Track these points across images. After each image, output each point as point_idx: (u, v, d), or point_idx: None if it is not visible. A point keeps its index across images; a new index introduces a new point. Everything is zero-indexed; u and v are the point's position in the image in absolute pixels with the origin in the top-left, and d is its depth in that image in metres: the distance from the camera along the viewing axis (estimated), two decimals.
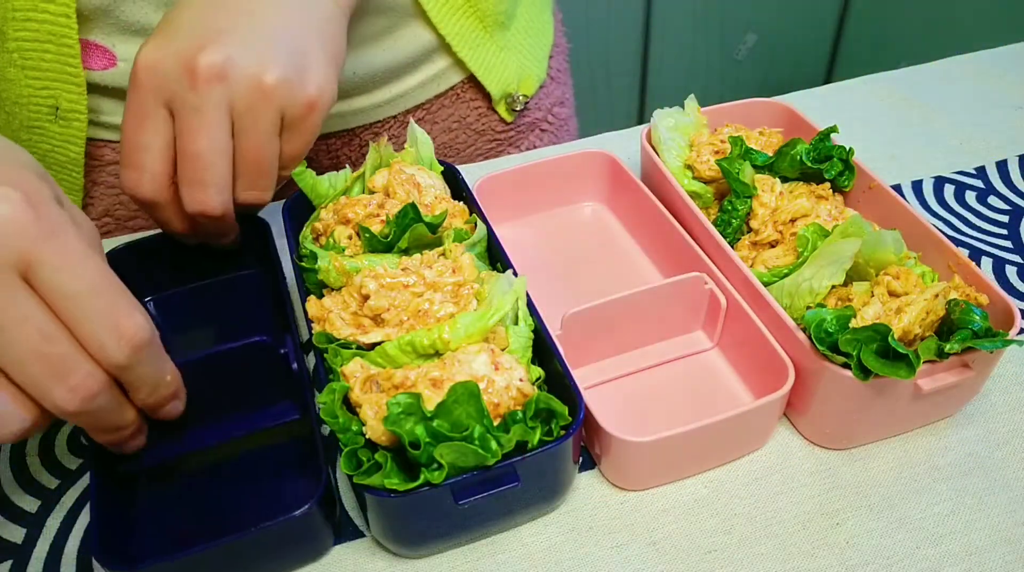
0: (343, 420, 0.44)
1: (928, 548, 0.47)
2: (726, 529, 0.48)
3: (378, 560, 0.48)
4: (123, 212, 0.75)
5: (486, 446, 0.42)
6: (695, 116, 0.66)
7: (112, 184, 0.73)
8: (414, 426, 0.41)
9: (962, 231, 0.67)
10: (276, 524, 0.43)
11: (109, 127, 0.69)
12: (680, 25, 1.88)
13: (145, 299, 0.61)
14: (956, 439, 0.53)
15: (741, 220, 0.59)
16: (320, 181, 0.59)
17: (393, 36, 0.71)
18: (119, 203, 0.74)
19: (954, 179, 0.72)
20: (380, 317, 0.48)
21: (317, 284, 0.53)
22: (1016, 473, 0.51)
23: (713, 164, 0.62)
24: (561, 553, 0.48)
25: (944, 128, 0.77)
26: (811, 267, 0.52)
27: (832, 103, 0.81)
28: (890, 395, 0.48)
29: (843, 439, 0.52)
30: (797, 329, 0.49)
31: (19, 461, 0.53)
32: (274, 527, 0.43)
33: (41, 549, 0.49)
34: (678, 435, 0.47)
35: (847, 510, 0.49)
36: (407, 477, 0.42)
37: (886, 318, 0.47)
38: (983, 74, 0.84)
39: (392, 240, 0.53)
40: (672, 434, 0.46)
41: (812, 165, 0.59)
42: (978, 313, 0.47)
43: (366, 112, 0.75)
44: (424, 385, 0.44)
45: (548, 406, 0.44)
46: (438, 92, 0.78)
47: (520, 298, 0.49)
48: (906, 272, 0.50)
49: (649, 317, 0.56)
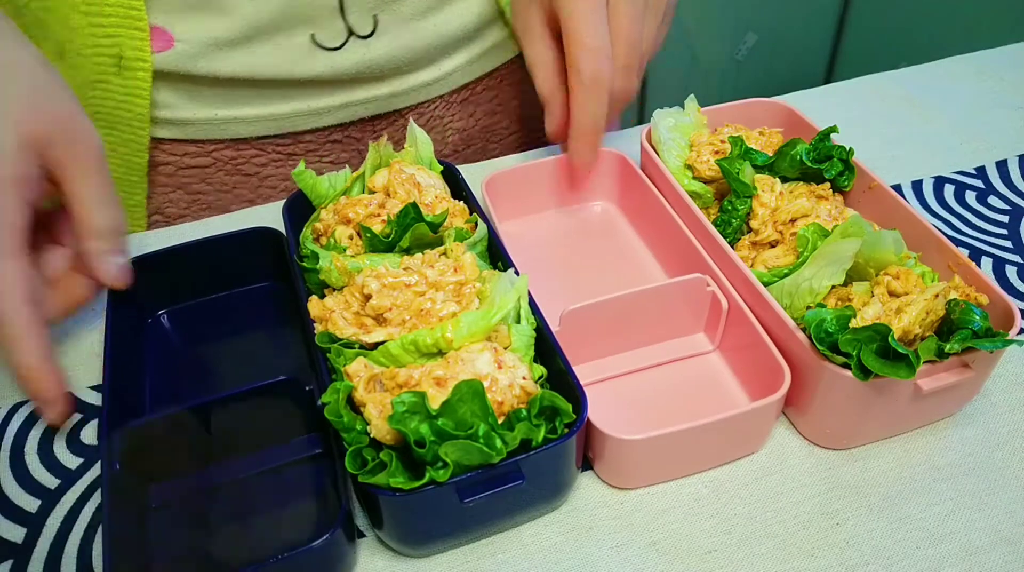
0: (347, 419, 0.44)
1: (928, 548, 0.47)
2: (726, 529, 0.48)
3: (378, 560, 0.48)
4: (173, 210, 0.76)
5: (491, 444, 0.42)
6: (695, 116, 0.66)
7: (164, 183, 0.73)
8: (419, 425, 0.41)
9: (962, 231, 0.67)
10: (294, 555, 0.42)
11: (163, 123, 0.69)
12: (680, 25, 1.88)
13: (159, 312, 0.62)
14: (956, 439, 0.53)
15: (741, 220, 0.59)
16: (320, 181, 0.59)
17: (445, 10, 0.71)
18: (169, 202, 0.75)
19: (954, 179, 0.72)
20: (382, 317, 0.48)
21: (318, 284, 0.53)
22: (1016, 473, 0.51)
23: (713, 164, 0.62)
24: (561, 553, 0.48)
25: (944, 128, 0.77)
26: (811, 267, 0.52)
27: (832, 103, 0.81)
28: (890, 395, 0.48)
29: (843, 439, 0.52)
30: (797, 329, 0.49)
31: (19, 461, 0.53)
32: (292, 558, 0.42)
33: (41, 549, 0.49)
34: (669, 434, 0.47)
35: (847, 510, 0.49)
36: (412, 476, 0.42)
37: (886, 318, 0.47)
38: (983, 74, 0.84)
39: (393, 240, 0.53)
40: (663, 433, 0.46)
41: (812, 165, 0.59)
42: (978, 313, 0.47)
43: (416, 91, 0.75)
44: (428, 384, 0.44)
45: (552, 404, 0.44)
46: (485, 71, 0.78)
47: (522, 297, 0.49)
48: (906, 272, 0.50)
49: (649, 317, 0.56)
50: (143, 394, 0.56)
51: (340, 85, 0.71)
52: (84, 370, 0.59)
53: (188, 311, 0.62)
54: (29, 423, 0.55)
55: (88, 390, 0.57)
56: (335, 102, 0.72)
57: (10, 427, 0.55)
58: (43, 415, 0.52)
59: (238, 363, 0.58)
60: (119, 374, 0.53)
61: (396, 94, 0.74)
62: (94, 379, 0.58)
